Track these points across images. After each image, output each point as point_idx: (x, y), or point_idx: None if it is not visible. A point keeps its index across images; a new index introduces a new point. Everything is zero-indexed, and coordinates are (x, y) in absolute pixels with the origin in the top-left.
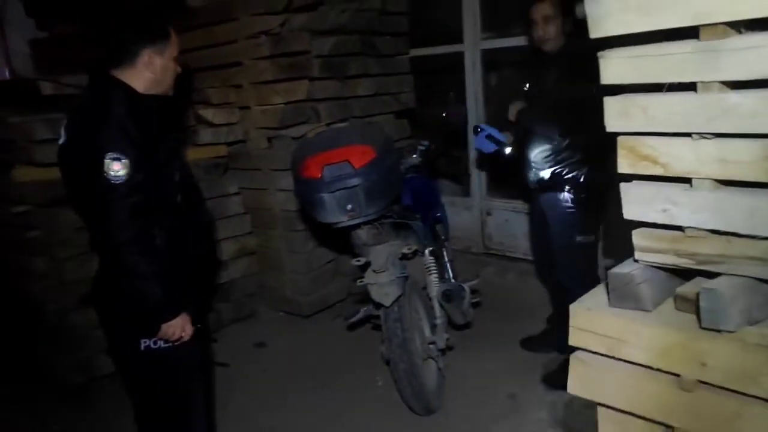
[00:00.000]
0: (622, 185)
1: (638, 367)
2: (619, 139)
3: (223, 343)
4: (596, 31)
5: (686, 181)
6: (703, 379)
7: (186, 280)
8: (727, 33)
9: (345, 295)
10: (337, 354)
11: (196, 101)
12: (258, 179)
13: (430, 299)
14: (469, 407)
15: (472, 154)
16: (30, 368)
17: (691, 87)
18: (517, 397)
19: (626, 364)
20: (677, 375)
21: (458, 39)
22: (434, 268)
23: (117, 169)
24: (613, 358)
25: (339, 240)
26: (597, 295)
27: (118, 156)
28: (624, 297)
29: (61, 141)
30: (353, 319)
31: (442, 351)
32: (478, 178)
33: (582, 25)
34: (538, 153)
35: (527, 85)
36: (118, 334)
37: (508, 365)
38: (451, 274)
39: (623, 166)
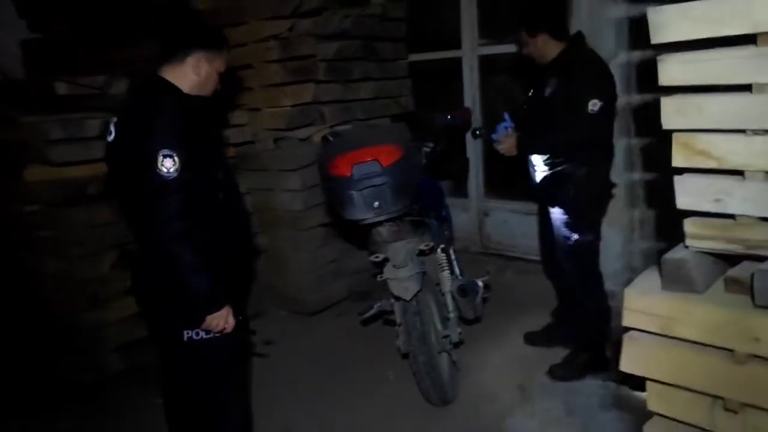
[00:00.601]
0: (676, 178)
1: (690, 344)
2: (675, 135)
3: None
4: (658, 37)
5: (738, 173)
6: (755, 353)
7: (228, 273)
8: None
9: (347, 294)
10: (345, 351)
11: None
12: (265, 180)
13: (442, 294)
14: (481, 398)
15: (471, 156)
16: (40, 368)
17: (744, 88)
18: (525, 388)
19: (678, 341)
20: (730, 350)
21: (456, 45)
22: (446, 264)
23: (169, 165)
24: (665, 336)
25: (342, 239)
26: (649, 279)
27: (170, 153)
28: (676, 280)
29: (110, 138)
30: (367, 315)
31: (455, 345)
32: (475, 180)
33: (579, 35)
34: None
35: (531, 91)
36: (161, 326)
37: (513, 359)
38: (458, 271)
39: (678, 160)
